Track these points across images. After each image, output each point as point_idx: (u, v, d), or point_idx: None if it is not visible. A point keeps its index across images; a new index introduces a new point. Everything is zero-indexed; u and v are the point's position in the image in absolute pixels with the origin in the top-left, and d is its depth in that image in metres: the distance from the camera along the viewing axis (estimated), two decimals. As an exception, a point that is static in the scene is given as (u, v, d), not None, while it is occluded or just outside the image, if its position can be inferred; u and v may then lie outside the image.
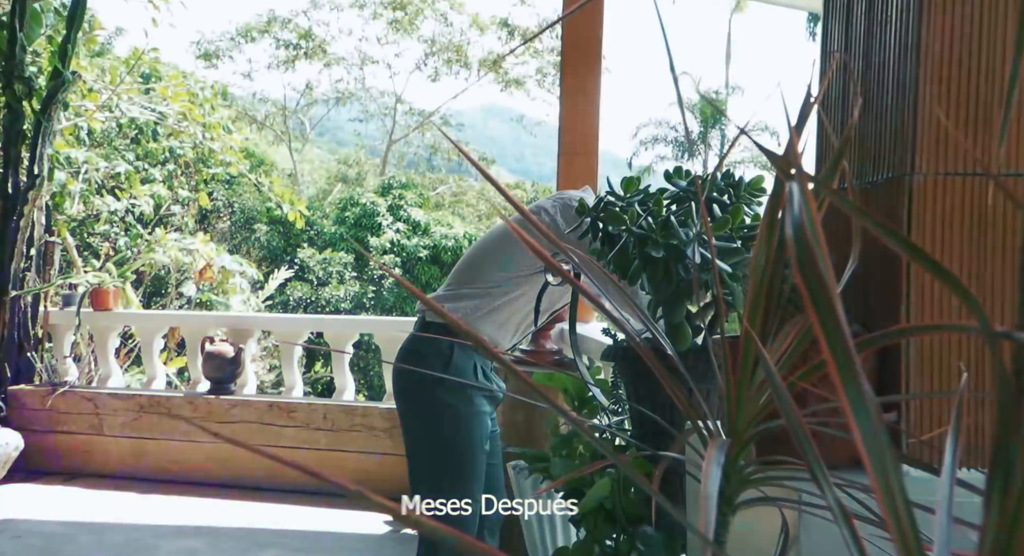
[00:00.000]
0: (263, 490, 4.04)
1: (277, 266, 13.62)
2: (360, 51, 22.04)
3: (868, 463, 0.30)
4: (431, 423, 1.93)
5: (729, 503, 0.52)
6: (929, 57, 0.70)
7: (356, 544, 3.35)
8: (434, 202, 17.92)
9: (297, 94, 23.60)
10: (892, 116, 0.75)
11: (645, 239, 1.04)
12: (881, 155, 0.76)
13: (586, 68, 3.59)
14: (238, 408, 4.19)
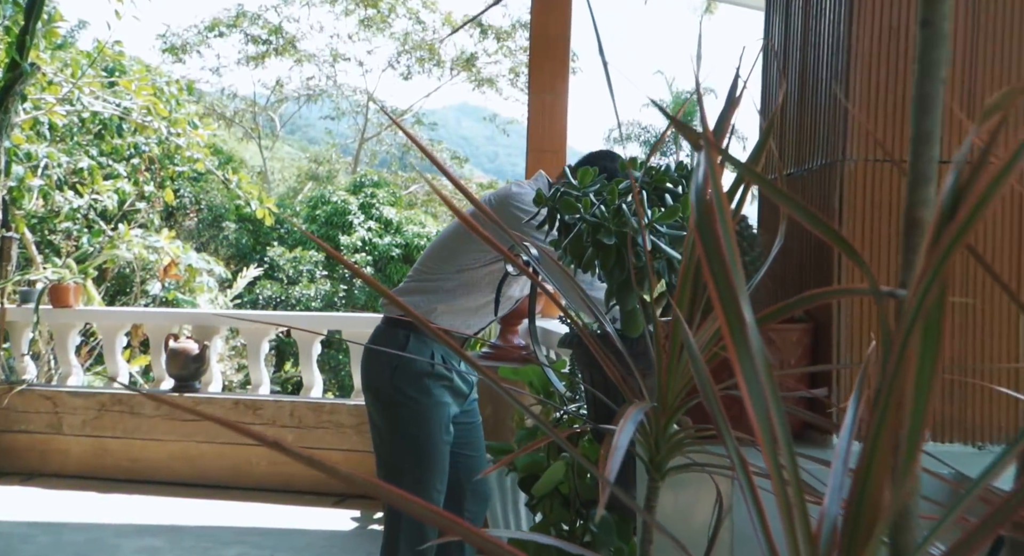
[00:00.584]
0: (228, 488, 4.00)
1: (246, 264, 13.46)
2: (331, 48, 21.86)
3: (751, 408, 0.32)
4: (388, 412, 1.95)
5: (659, 469, 0.54)
6: (859, 49, 0.73)
7: (323, 541, 3.33)
8: (407, 201, 17.85)
9: (267, 91, 23.33)
10: (826, 106, 0.77)
11: (598, 227, 1.06)
12: (816, 143, 0.79)
13: (554, 66, 3.61)
14: (202, 406, 4.14)
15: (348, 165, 24.36)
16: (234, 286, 9.79)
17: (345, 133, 25.16)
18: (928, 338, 0.28)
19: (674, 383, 0.55)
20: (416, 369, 1.87)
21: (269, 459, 4.05)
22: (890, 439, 0.28)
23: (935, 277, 0.27)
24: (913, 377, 0.28)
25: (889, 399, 0.31)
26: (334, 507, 3.79)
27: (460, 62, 20.66)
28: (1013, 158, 0.28)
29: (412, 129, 23.90)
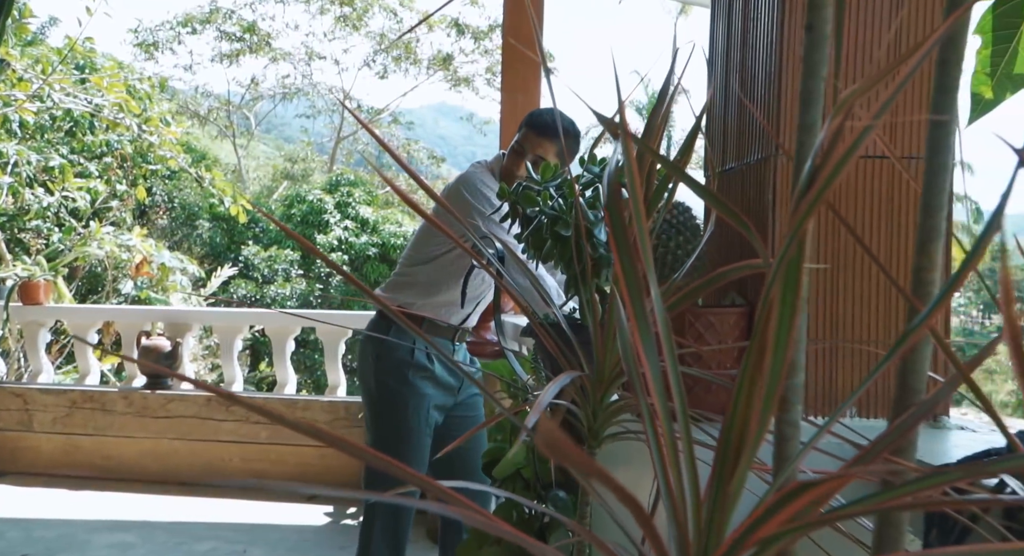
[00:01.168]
0: (200, 486, 3.99)
1: (220, 263, 13.35)
2: (307, 46, 21.71)
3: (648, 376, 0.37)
4: (369, 399, 2.01)
5: (596, 436, 0.59)
6: (789, 53, 0.78)
7: (296, 536, 3.35)
8: (383, 199, 17.78)
9: (242, 89, 23.11)
10: (761, 104, 0.83)
11: (556, 219, 1.11)
12: (753, 139, 0.84)
13: (526, 67, 3.66)
14: (175, 403, 4.13)
15: (324, 164, 24.21)
16: (208, 285, 9.71)
17: (321, 132, 25.01)
18: (787, 289, 0.33)
19: (609, 358, 0.60)
20: (397, 359, 1.92)
21: (241, 456, 4.06)
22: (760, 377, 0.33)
23: (795, 233, 0.32)
24: (775, 325, 0.32)
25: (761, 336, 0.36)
26: (307, 503, 3.80)
27: (437, 61, 20.64)
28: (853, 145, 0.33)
29: (389, 128, 23.83)
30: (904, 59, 0.36)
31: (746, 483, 0.35)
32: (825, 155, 0.34)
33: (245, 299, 14.03)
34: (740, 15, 0.89)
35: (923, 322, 0.36)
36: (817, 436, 0.37)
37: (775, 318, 0.33)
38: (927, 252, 0.41)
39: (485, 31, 19.59)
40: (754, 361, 0.34)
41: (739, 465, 0.33)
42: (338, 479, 3.94)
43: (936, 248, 0.41)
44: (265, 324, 4.60)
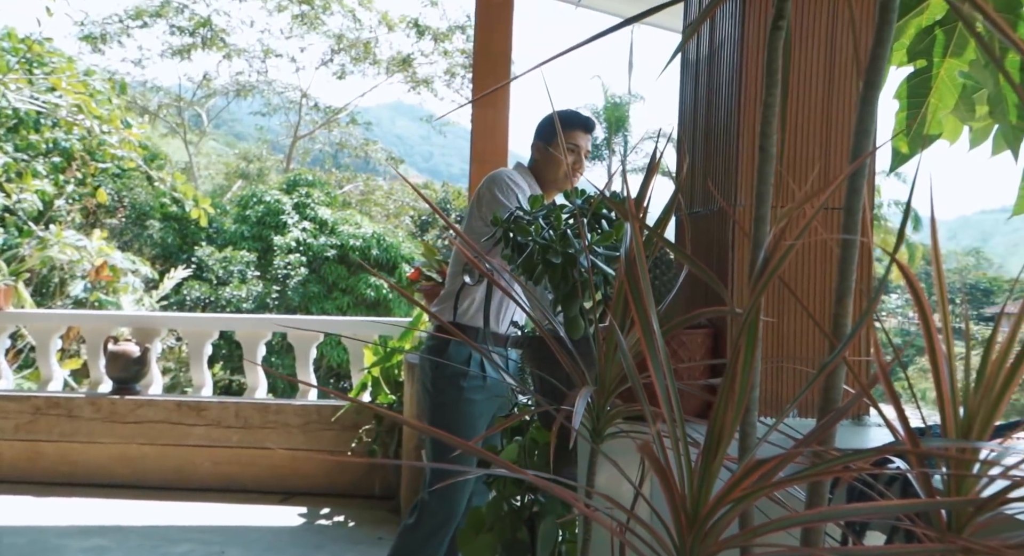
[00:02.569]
0: (172, 490, 4.05)
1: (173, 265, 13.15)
2: (263, 43, 21.43)
3: (658, 391, 0.54)
4: (426, 405, 2.16)
5: (599, 434, 0.76)
6: (744, 116, 0.97)
7: (271, 536, 3.44)
8: (341, 200, 17.71)
9: (193, 85, 22.67)
10: (722, 158, 1.02)
11: (547, 248, 1.28)
12: (719, 187, 1.03)
13: (496, 81, 3.82)
14: (144, 408, 4.17)
15: (280, 163, 23.94)
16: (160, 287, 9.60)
17: (276, 130, 24.72)
18: (749, 337, 0.50)
19: (610, 373, 0.77)
20: (452, 371, 2.08)
21: (212, 459, 4.12)
22: (731, 392, 0.50)
23: (755, 302, 0.49)
24: (742, 358, 0.50)
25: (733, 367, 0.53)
26: (280, 504, 3.89)
27: (396, 62, 20.62)
28: (790, 245, 0.51)
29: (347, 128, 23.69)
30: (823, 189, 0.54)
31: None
32: (773, 246, 0.51)
33: (199, 301, 13.85)
34: (704, 84, 1.08)
35: (838, 355, 0.54)
36: (768, 433, 0.55)
37: (742, 357, 0.50)
38: (843, 304, 0.60)
39: (445, 33, 19.66)
40: (728, 384, 0.51)
41: (719, 450, 0.50)
42: (311, 482, 4.04)
43: (849, 301, 0.60)
44: (235, 328, 4.66)
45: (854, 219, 0.61)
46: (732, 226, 0.97)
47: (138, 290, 9.07)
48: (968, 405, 0.56)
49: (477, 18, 3.95)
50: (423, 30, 19.92)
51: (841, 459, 0.51)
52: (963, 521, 0.53)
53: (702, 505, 0.50)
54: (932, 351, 0.54)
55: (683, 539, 0.50)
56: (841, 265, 0.60)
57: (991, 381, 0.55)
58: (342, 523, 3.64)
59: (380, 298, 14.05)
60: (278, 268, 14.39)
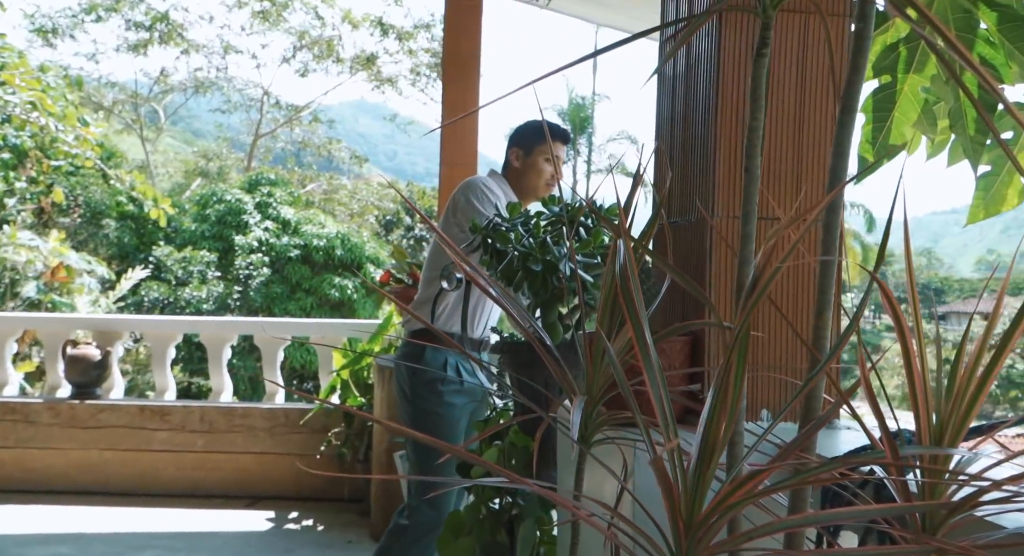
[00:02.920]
0: (135, 496, 3.97)
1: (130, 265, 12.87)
2: (222, 39, 21.04)
3: (653, 400, 0.57)
4: (407, 411, 2.16)
5: (587, 440, 0.79)
6: (721, 131, 1.00)
7: (239, 542, 3.40)
8: (304, 200, 17.49)
9: (150, 80, 22.15)
10: (699, 171, 1.05)
11: (527, 256, 1.30)
12: (694, 199, 1.06)
13: (465, 85, 3.84)
14: (105, 413, 4.08)
15: (240, 161, 23.56)
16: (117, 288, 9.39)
17: (237, 127, 24.31)
18: (741, 350, 0.53)
19: (597, 381, 0.80)
20: (430, 377, 2.08)
21: (176, 465, 4.06)
22: (723, 404, 0.53)
23: (745, 321, 0.52)
24: (734, 373, 0.52)
25: (724, 383, 0.56)
26: (247, 509, 3.85)
27: (360, 60, 20.45)
28: (778, 266, 0.54)
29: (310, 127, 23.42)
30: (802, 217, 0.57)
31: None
32: (764, 265, 0.54)
33: (158, 302, 13.57)
34: (682, 98, 1.11)
35: (820, 370, 0.57)
36: (757, 443, 0.58)
37: (733, 371, 0.53)
38: (823, 317, 0.63)
39: (410, 32, 19.55)
40: (720, 397, 0.54)
41: (712, 460, 0.53)
42: (278, 486, 4.00)
43: (828, 315, 0.63)
44: (200, 330, 4.59)
45: (832, 236, 0.65)
46: (709, 236, 1.00)
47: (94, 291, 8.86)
48: (940, 412, 0.59)
49: (446, 21, 3.96)
50: (387, 29, 19.79)
51: (825, 466, 0.54)
52: (937, 523, 0.57)
53: (697, 512, 0.53)
54: (909, 368, 0.57)
55: (679, 544, 0.53)
56: (821, 280, 0.64)
57: (961, 389, 0.58)
58: (311, 527, 3.62)
59: (345, 299, 13.93)
60: (240, 268, 14.15)
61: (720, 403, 0.54)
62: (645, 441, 0.61)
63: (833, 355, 0.58)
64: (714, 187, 1.03)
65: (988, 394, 0.58)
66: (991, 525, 0.61)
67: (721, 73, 1.01)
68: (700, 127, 1.07)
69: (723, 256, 0.98)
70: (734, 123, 1.01)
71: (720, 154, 1.03)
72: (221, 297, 13.87)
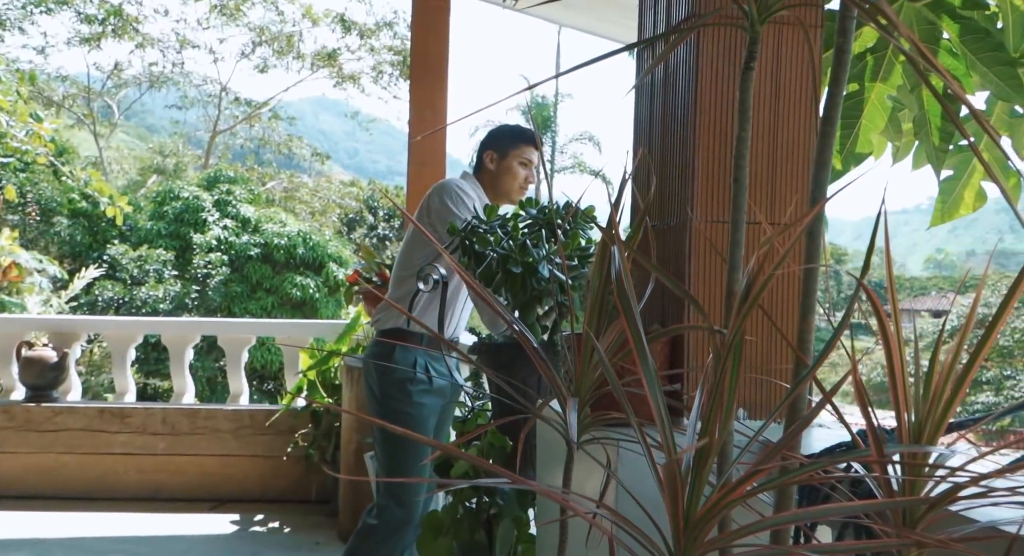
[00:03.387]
0: (94, 500, 3.88)
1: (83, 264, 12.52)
2: (178, 34, 20.57)
3: (651, 402, 0.59)
4: (377, 412, 2.15)
5: (577, 439, 0.80)
6: (700, 136, 1.03)
7: (204, 545, 3.35)
8: (264, 197, 17.22)
9: (103, 75, 21.56)
10: (678, 175, 1.07)
11: (507, 258, 1.31)
12: (672, 203, 1.09)
13: (434, 84, 3.83)
14: (63, 416, 3.98)
15: (198, 158, 23.09)
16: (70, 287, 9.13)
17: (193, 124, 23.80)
18: (735, 356, 0.55)
19: (586, 381, 0.81)
20: (399, 376, 2.08)
21: (137, 468, 3.97)
22: (719, 408, 0.55)
23: (739, 326, 0.54)
24: (728, 377, 0.54)
25: (718, 388, 0.58)
26: (210, 512, 3.79)
27: (321, 57, 20.20)
28: (771, 273, 0.56)
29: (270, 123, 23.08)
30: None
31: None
32: (754, 276, 0.56)
33: (112, 302, 13.24)
34: (660, 104, 1.13)
35: (808, 375, 0.60)
36: (748, 444, 0.60)
37: (728, 377, 0.55)
38: (807, 321, 0.65)
39: (372, 29, 19.38)
40: (716, 402, 0.56)
41: (707, 461, 0.55)
42: (243, 488, 3.94)
43: (812, 318, 0.65)
44: (162, 331, 4.49)
45: (816, 242, 0.67)
46: (689, 240, 1.03)
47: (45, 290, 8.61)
48: (918, 411, 0.62)
49: (414, 20, 3.95)
50: (349, 26, 19.58)
51: (812, 465, 0.56)
52: (917, 517, 0.60)
53: (694, 511, 0.55)
54: (892, 370, 0.60)
55: (678, 541, 0.55)
56: (805, 284, 0.66)
57: (939, 390, 0.61)
58: (277, 529, 3.58)
59: (307, 298, 13.75)
60: (198, 267, 13.87)
61: (715, 407, 0.56)
62: (641, 443, 0.63)
63: (820, 360, 0.61)
64: (693, 192, 1.06)
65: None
66: (964, 519, 0.64)
67: (699, 81, 1.04)
68: (678, 133, 1.09)
69: (703, 259, 1.01)
70: (712, 130, 1.04)
71: (699, 160, 1.05)
72: (179, 296, 13.58)
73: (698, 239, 1.01)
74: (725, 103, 1.05)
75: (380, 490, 2.13)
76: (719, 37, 1.03)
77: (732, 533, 0.58)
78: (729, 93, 1.06)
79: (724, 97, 1.06)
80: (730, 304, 0.63)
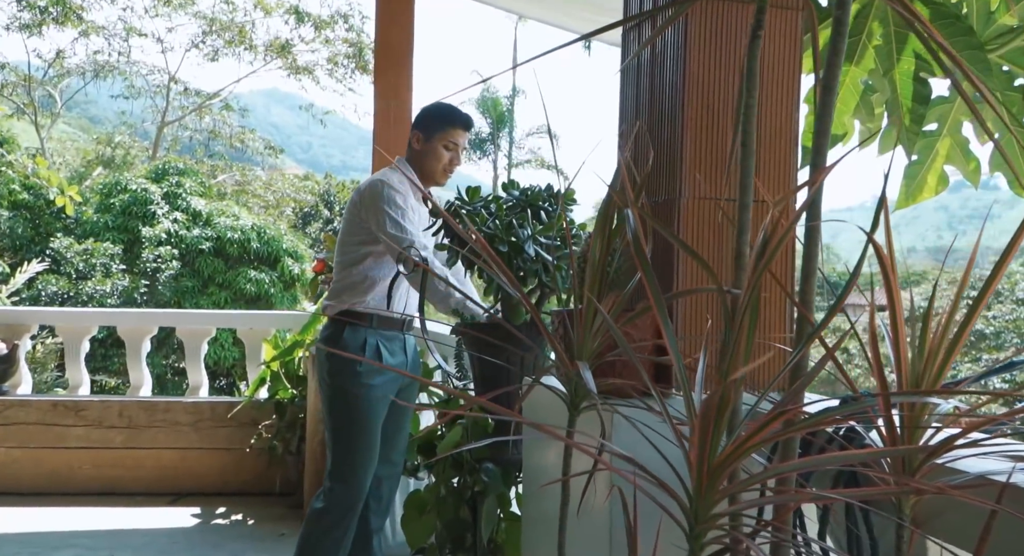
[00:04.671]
0: (48, 495, 3.76)
1: (24, 257, 12.07)
2: (124, 22, 19.93)
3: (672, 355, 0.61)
4: (325, 398, 2.13)
5: (576, 406, 0.82)
6: (689, 116, 1.06)
7: (164, 538, 3.28)
8: (216, 190, 16.83)
9: (44, 63, 20.79)
10: (667, 153, 1.10)
11: (492, 238, 1.32)
12: (661, 181, 1.11)
13: (398, 74, 3.81)
14: (14, 409, 3.84)
15: (146, 150, 22.43)
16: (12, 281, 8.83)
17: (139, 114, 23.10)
18: (752, 317, 0.57)
19: (587, 350, 0.83)
20: (347, 358, 2.07)
21: (93, 462, 3.86)
22: (733, 370, 0.57)
23: (756, 284, 0.56)
24: (744, 339, 0.57)
25: (733, 350, 0.60)
26: (170, 506, 3.71)
27: (274, 48, 19.82)
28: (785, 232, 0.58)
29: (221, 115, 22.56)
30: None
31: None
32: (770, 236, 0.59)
33: (57, 297, 12.80)
34: (647, 86, 1.16)
35: (812, 337, 0.63)
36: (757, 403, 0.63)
37: (745, 336, 0.57)
38: (809, 283, 0.68)
39: (327, 21, 19.09)
40: (732, 360, 0.58)
41: (723, 417, 0.57)
42: (203, 482, 3.87)
43: (814, 280, 0.68)
44: (118, 323, 4.37)
45: (817, 206, 0.70)
46: (678, 216, 1.05)
47: (-15, 285, 8.31)
48: (915, 368, 0.66)
49: (378, 10, 3.92)
50: (303, 17, 19.25)
51: (819, 415, 0.59)
52: (915, 466, 0.63)
53: (712, 458, 0.57)
54: (895, 324, 0.63)
55: (700, 489, 0.57)
56: (806, 248, 0.69)
57: (934, 348, 0.65)
58: (240, 521, 3.52)
59: (261, 293, 13.49)
60: (147, 261, 13.50)
61: (732, 365, 0.58)
62: (660, 403, 0.65)
63: (824, 323, 0.64)
64: (682, 170, 1.08)
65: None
66: (957, 471, 0.68)
67: (687, 60, 1.06)
68: (667, 112, 1.12)
69: (692, 234, 1.04)
70: (700, 108, 1.07)
71: (688, 138, 1.08)
72: (127, 291, 13.19)
73: (688, 215, 1.04)
74: (714, 81, 1.08)
75: (327, 473, 2.12)
76: (707, 16, 1.05)
77: (742, 482, 0.60)
78: (717, 69, 1.09)
79: (713, 74, 1.09)
80: (740, 265, 0.66)
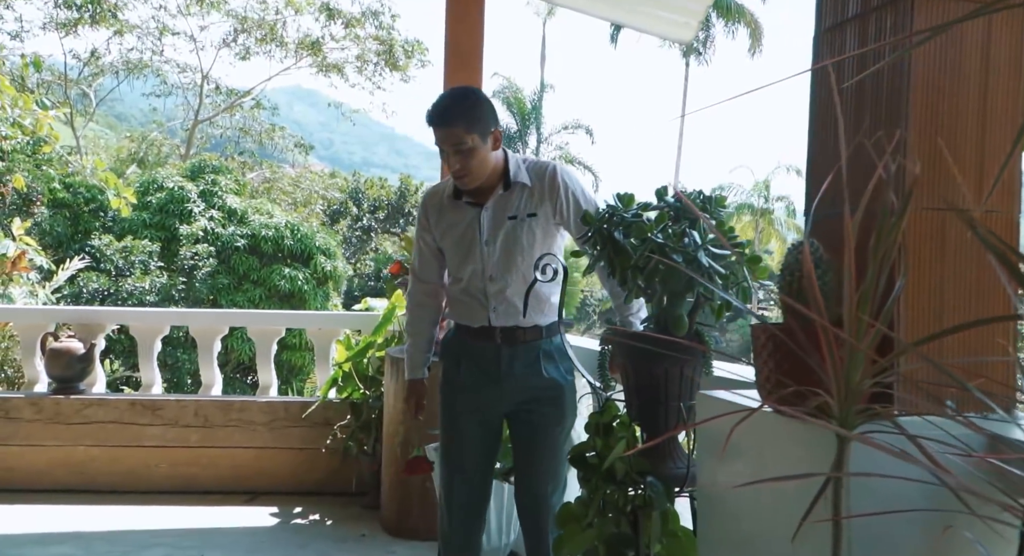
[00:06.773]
0: (124, 493, 3.82)
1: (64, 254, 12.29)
2: (158, 20, 20.18)
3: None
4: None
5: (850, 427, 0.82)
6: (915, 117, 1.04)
7: (248, 538, 3.32)
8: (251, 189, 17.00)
9: (79, 62, 21.12)
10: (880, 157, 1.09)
11: (662, 247, 1.32)
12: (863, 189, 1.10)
13: (467, 77, 3.82)
14: (92, 408, 3.91)
15: (177, 148, 22.70)
16: (55, 278, 9.00)
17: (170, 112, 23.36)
18: None
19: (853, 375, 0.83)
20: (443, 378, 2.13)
21: (169, 461, 3.92)
22: None
23: None
24: None
25: None
26: (246, 505, 3.76)
27: (304, 45, 19.95)
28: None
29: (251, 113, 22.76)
30: None
31: None
32: None
33: (97, 294, 13.01)
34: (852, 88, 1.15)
35: None
36: None
37: None
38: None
39: (358, 18, 19.18)
40: None
41: None
42: (274, 481, 3.91)
43: None
44: (190, 323, 4.43)
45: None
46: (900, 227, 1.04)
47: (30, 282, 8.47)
48: None
49: (447, 10, 3.93)
50: (333, 14, 19.36)
51: None
52: None
53: None
54: None
55: None
56: None
57: None
58: (319, 521, 3.56)
59: (295, 290, 13.61)
60: (184, 259, 13.68)
61: None
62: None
63: None
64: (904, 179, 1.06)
65: None
66: None
67: (913, 58, 1.04)
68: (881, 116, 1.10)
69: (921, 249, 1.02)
70: (926, 112, 1.05)
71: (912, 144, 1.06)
72: (165, 288, 13.38)
73: (913, 227, 1.03)
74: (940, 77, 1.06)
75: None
76: (933, 9, 1.03)
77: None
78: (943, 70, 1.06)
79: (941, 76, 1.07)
80: None
